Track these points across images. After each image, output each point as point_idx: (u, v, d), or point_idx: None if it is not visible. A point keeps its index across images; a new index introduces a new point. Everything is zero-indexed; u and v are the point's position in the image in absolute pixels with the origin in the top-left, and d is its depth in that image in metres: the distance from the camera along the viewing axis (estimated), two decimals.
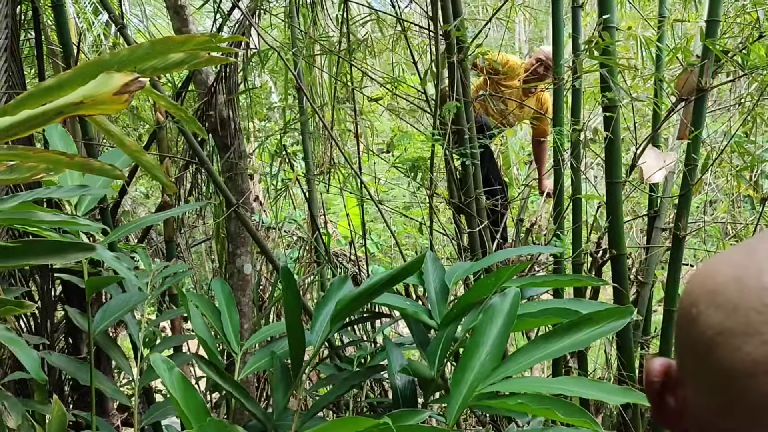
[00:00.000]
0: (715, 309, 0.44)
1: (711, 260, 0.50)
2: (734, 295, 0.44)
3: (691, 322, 0.46)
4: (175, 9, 3.01)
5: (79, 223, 1.18)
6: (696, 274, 0.50)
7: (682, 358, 0.49)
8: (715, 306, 0.44)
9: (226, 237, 3.20)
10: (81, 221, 1.20)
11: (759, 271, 0.43)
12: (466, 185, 2.76)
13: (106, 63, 1.04)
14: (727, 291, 0.44)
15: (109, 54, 1.03)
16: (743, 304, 0.43)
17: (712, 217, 4.50)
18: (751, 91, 3.50)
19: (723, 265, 0.47)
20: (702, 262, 0.53)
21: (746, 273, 0.44)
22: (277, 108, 3.98)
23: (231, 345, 1.72)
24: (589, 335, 1.24)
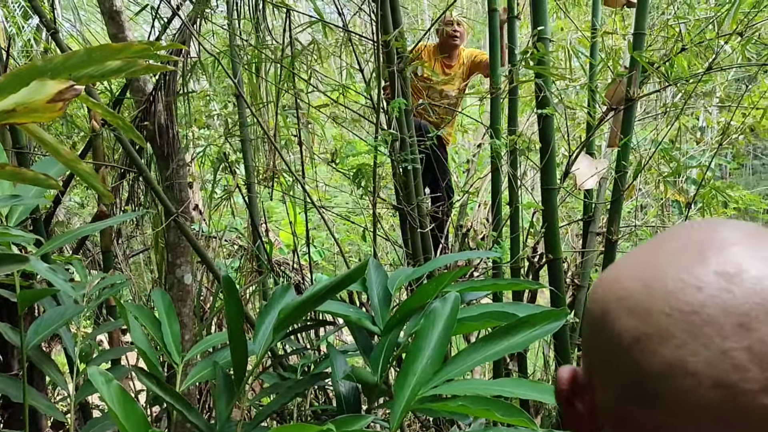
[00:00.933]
0: (627, 314, 0.45)
1: (615, 265, 0.50)
2: (644, 300, 0.44)
3: (603, 327, 0.47)
4: (110, 14, 2.95)
5: (12, 234, 1.14)
6: (602, 279, 0.50)
7: (591, 361, 0.50)
8: (626, 312, 0.45)
9: (166, 247, 3.14)
10: (13, 232, 1.17)
11: (663, 275, 0.44)
12: (408, 191, 2.79)
13: (39, 70, 1.02)
14: (636, 296, 0.45)
15: (42, 60, 1.00)
16: (654, 309, 0.43)
17: (642, 222, 4.68)
18: (676, 101, 3.66)
19: (628, 270, 0.48)
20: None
21: (652, 276, 0.45)
22: (217, 116, 3.94)
23: (172, 356, 1.69)
24: (526, 337, 1.29)
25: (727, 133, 3.53)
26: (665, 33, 3.21)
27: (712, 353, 0.41)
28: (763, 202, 4.13)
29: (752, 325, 0.40)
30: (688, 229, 0.49)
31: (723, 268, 0.43)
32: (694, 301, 0.42)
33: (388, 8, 2.68)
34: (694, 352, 0.41)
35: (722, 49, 2.88)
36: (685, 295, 0.43)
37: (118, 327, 2.27)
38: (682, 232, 0.49)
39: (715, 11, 3.13)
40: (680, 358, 0.41)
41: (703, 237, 0.46)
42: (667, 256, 0.46)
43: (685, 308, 0.42)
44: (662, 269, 0.45)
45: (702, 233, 0.47)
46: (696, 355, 0.41)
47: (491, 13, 2.83)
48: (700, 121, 5.09)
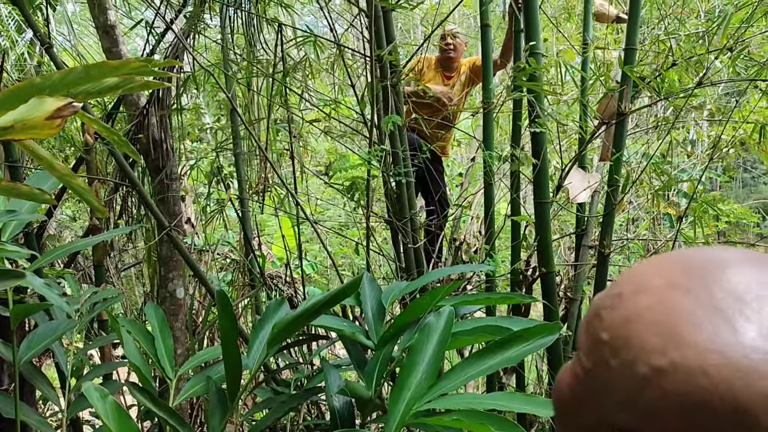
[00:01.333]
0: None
1: (709, 337, 0.41)
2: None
3: (748, 429, 0.39)
4: (104, 29, 2.96)
5: (8, 249, 1.14)
6: (706, 361, 0.41)
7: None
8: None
9: (158, 261, 3.14)
10: (9, 247, 1.17)
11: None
12: (400, 205, 2.80)
13: (37, 86, 1.02)
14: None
15: (40, 77, 1.01)
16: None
17: (634, 235, 4.70)
18: (667, 115, 3.70)
19: (753, 355, 0.40)
20: (681, 336, 0.41)
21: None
22: (210, 129, 3.94)
23: (165, 371, 1.68)
24: (520, 351, 1.29)
25: (718, 146, 3.56)
26: (656, 48, 3.24)
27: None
28: (754, 216, 4.16)
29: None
30: (738, 271, 0.43)
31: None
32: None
33: (381, 23, 2.70)
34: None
35: (712, 64, 2.91)
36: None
37: (110, 341, 2.26)
38: (737, 277, 0.43)
39: (705, 27, 3.17)
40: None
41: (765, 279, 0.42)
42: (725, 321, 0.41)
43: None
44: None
45: (759, 276, 0.42)
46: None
47: (484, 28, 2.85)
48: (691, 134, 5.14)
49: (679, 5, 3.92)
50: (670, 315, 0.43)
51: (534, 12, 2.58)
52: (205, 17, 3.06)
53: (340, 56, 3.00)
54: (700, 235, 3.29)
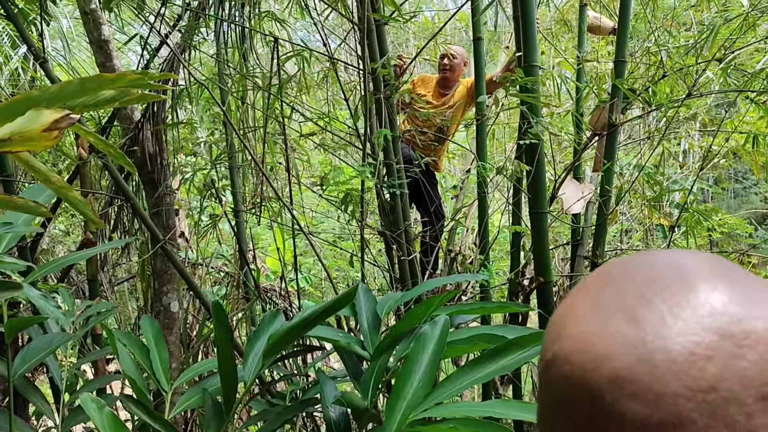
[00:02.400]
0: (632, 401, 0.37)
1: (582, 328, 0.41)
2: (649, 381, 0.37)
3: (599, 418, 0.39)
4: (98, 44, 2.98)
5: (5, 261, 1.14)
6: (568, 353, 0.41)
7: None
8: (629, 397, 0.37)
9: (152, 274, 3.13)
10: (6, 259, 1.17)
11: (662, 346, 0.38)
12: (394, 217, 2.81)
13: (34, 99, 1.03)
14: (638, 377, 0.37)
15: (37, 90, 1.02)
16: (665, 391, 0.37)
17: (628, 245, 4.72)
18: (660, 126, 3.73)
19: (611, 340, 0.39)
20: (563, 327, 0.40)
21: (648, 350, 0.38)
22: (204, 143, 3.95)
23: (161, 383, 1.68)
24: (515, 359, 1.30)
25: (709, 157, 3.59)
26: (647, 60, 3.28)
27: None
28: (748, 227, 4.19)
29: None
30: (649, 272, 0.42)
31: (725, 326, 0.37)
32: (709, 377, 0.36)
33: (374, 37, 2.72)
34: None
35: (703, 75, 2.95)
36: (698, 370, 0.36)
37: (104, 355, 2.25)
38: (644, 277, 0.42)
39: (695, 38, 3.21)
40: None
41: (676, 281, 0.40)
42: (653, 317, 0.39)
43: (702, 385, 0.36)
44: (657, 339, 0.38)
45: (671, 276, 0.41)
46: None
47: (476, 42, 2.87)
48: (682, 145, 5.18)
49: (669, 18, 3.97)
50: (569, 312, 0.43)
51: (531, 25, 2.61)
52: (199, 32, 3.08)
53: (333, 70, 3.02)
54: (693, 245, 3.30)
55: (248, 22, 2.99)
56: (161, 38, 2.76)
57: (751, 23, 3.19)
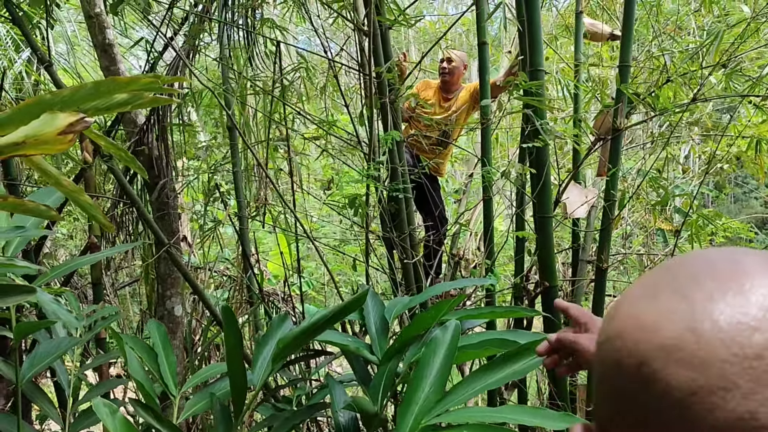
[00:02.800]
0: (679, 367, 0.39)
1: (632, 310, 0.44)
2: (696, 348, 0.39)
3: (646, 384, 0.41)
4: (102, 47, 2.97)
5: (18, 265, 1.14)
6: (618, 327, 0.44)
7: (616, 418, 0.44)
8: (676, 363, 0.40)
9: (156, 278, 3.13)
10: (19, 263, 1.16)
11: (710, 317, 0.40)
12: (399, 221, 2.81)
13: (48, 102, 1.03)
14: (685, 345, 0.40)
15: (50, 93, 1.01)
16: (711, 357, 0.39)
17: (631, 250, 4.72)
18: (663, 131, 3.73)
19: (660, 316, 0.42)
20: (616, 310, 0.45)
21: (696, 320, 0.40)
22: (206, 147, 3.95)
23: (168, 387, 1.67)
24: (527, 365, 1.29)
25: (713, 161, 3.60)
26: (651, 64, 3.28)
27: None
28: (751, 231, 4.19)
29: None
30: (704, 262, 0.44)
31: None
32: (755, 344, 0.38)
33: (379, 41, 2.72)
34: (765, 401, 0.37)
35: (707, 80, 2.95)
36: (744, 338, 0.38)
37: (109, 360, 2.24)
38: (699, 265, 0.44)
39: (698, 44, 3.22)
40: (750, 410, 0.37)
41: (728, 269, 0.42)
42: (702, 295, 0.41)
43: (747, 353, 0.38)
44: (706, 311, 0.40)
45: (724, 265, 0.43)
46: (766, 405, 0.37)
47: (481, 46, 2.87)
48: (684, 150, 5.18)
49: (672, 23, 3.98)
50: (623, 298, 0.47)
51: (536, 29, 2.61)
52: (203, 36, 3.08)
53: (333, 76, 3.02)
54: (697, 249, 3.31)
55: (252, 27, 2.99)
56: (167, 42, 2.76)
57: (755, 29, 3.20)
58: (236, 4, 2.92)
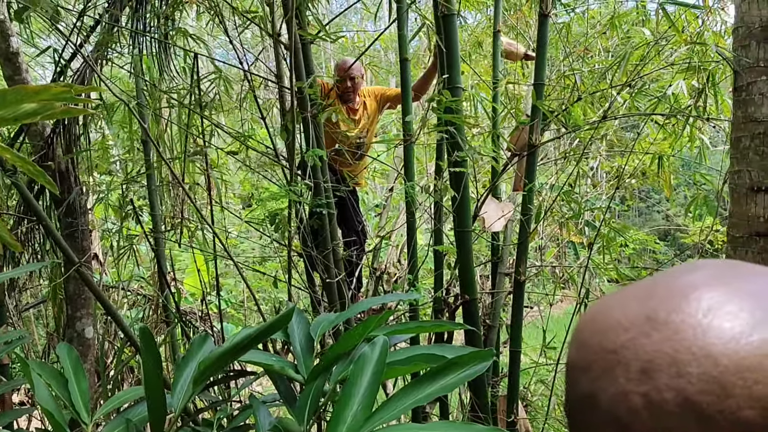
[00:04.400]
0: (573, 345, 0.48)
1: (601, 298, 0.51)
2: (586, 333, 0.46)
3: (567, 353, 0.49)
4: (6, 56, 2.82)
5: None
6: (586, 310, 0.52)
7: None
8: (573, 342, 0.48)
9: (65, 299, 2.97)
10: None
11: (608, 314, 0.46)
12: (322, 237, 2.78)
13: None
14: (584, 330, 0.47)
15: None
16: (589, 342, 0.45)
17: (546, 262, 4.87)
18: (574, 147, 3.89)
19: (596, 305, 0.49)
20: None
21: (601, 313, 0.47)
22: (119, 161, 3.80)
23: (80, 415, 1.58)
24: (456, 379, 1.30)
25: (622, 176, 3.77)
26: (562, 83, 3.41)
27: (615, 392, 0.42)
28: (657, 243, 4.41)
29: (653, 373, 0.41)
30: (663, 272, 0.49)
31: (655, 312, 0.43)
32: (617, 341, 0.43)
33: (301, 56, 2.70)
34: (603, 388, 0.43)
35: (614, 99, 3.09)
36: (614, 334, 0.44)
37: (14, 387, 2.10)
38: (658, 275, 0.49)
39: (606, 64, 3.38)
40: (592, 391, 0.44)
41: (668, 281, 0.46)
42: (626, 296, 0.47)
43: (608, 346, 0.44)
44: (615, 307, 0.46)
45: (672, 276, 0.47)
46: (603, 391, 0.43)
47: (403, 63, 2.90)
48: (594, 165, 5.41)
49: (581, 44, 4.16)
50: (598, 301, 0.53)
51: (454, 46, 2.66)
52: (114, 45, 2.96)
53: (251, 89, 2.97)
54: (608, 260, 3.44)
55: (166, 37, 2.90)
56: (75, 49, 2.64)
57: (657, 51, 3.39)
58: (148, 13, 2.83)
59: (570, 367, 0.47)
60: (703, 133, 3.65)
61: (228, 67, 3.29)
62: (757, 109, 1.97)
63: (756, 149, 1.96)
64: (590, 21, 4.83)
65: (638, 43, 3.66)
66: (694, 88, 3.17)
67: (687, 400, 0.39)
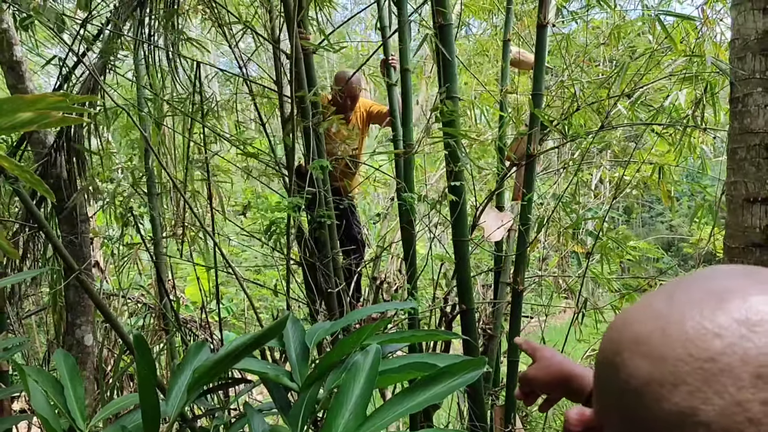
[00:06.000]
0: (641, 358, 0.43)
1: (631, 308, 0.49)
2: (659, 344, 0.43)
3: (615, 369, 0.45)
4: (9, 65, 2.84)
5: None
6: (616, 321, 0.49)
7: (603, 404, 0.48)
8: (640, 355, 0.44)
9: (65, 306, 2.98)
10: None
11: (681, 321, 0.43)
12: (322, 246, 2.79)
13: None
14: (652, 340, 0.44)
15: None
16: (669, 354, 0.42)
17: (546, 272, 4.87)
18: (575, 157, 3.89)
19: (644, 314, 0.46)
20: (621, 309, 0.58)
21: (669, 322, 0.44)
22: (121, 169, 3.82)
23: (76, 422, 1.58)
24: (447, 387, 1.30)
25: (622, 186, 3.77)
26: (562, 93, 3.43)
27: (726, 403, 0.39)
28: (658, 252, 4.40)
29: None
30: (704, 277, 0.47)
31: (745, 315, 0.41)
32: (712, 348, 0.40)
33: (302, 65, 2.72)
34: (707, 400, 0.39)
35: (614, 108, 3.10)
36: (704, 342, 0.41)
37: (11, 394, 2.10)
38: (699, 280, 0.47)
39: (606, 74, 3.39)
40: (692, 406, 0.40)
41: (722, 285, 0.45)
42: (686, 302, 0.45)
43: (702, 355, 0.41)
44: (681, 315, 0.43)
45: (720, 281, 0.46)
46: (709, 404, 0.39)
47: (403, 73, 2.91)
48: (595, 176, 5.41)
49: (582, 54, 4.17)
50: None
51: (450, 54, 2.67)
52: (117, 53, 2.99)
53: (253, 99, 2.98)
54: (607, 270, 3.44)
55: (169, 46, 2.93)
56: (78, 58, 2.66)
57: (656, 61, 3.40)
58: (152, 21, 2.85)
59: (643, 384, 0.43)
60: (704, 143, 3.66)
61: (231, 75, 3.31)
62: (753, 120, 1.98)
63: (752, 160, 1.97)
64: (594, 31, 4.85)
65: (638, 54, 3.67)
66: (695, 97, 3.18)
67: None
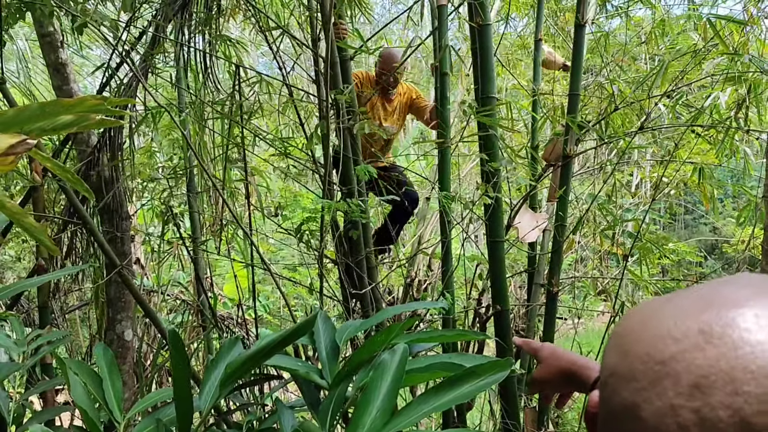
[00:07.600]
0: (614, 352, 0.46)
1: (643, 304, 0.50)
2: (630, 341, 0.45)
3: (605, 357, 0.48)
4: (55, 67, 2.94)
5: None
6: (625, 315, 0.51)
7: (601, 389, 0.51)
8: (615, 349, 0.46)
9: (106, 302, 3.07)
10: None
11: (660, 321, 0.44)
12: (357, 244, 2.81)
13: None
14: (629, 335, 0.46)
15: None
16: (632, 350, 0.44)
17: (582, 273, 4.81)
18: (611, 158, 3.84)
19: (640, 311, 0.48)
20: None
21: (651, 321, 0.45)
22: (162, 168, 3.91)
23: (113, 414, 1.64)
24: (473, 387, 1.31)
25: (660, 187, 3.71)
26: (600, 94, 3.38)
27: (663, 405, 0.40)
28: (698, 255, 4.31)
29: (707, 389, 0.39)
30: (717, 283, 0.47)
31: (709, 326, 0.41)
32: (667, 352, 0.42)
33: (338, 69, 2.75)
34: (648, 399, 0.41)
35: (653, 109, 3.05)
36: (663, 345, 0.42)
37: (54, 386, 2.18)
38: (708, 285, 0.47)
39: (645, 73, 3.33)
40: (636, 402, 0.42)
41: (721, 293, 0.45)
42: (676, 305, 0.46)
43: (657, 357, 0.42)
44: (663, 316, 0.45)
45: (725, 289, 0.45)
46: (649, 403, 0.41)
47: (442, 77, 2.89)
48: (634, 176, 5.33)
49: (620, 53, 4.12)
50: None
51: (489, 56, 2.67)
52: (160, 56, 3.06)
53: (291, 102, 3.02)
54: (645, 272, 3.39)
55: (209, 48, 2.99)
56: (123, 59, 2.74)
57: (698, 60, 3.33)
58: (193, 24, 2.91)
59: (609, 374, 0.46)
60: (747, 144, 3.57)
61: (272, 76, 3.36)
62: None
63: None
64: (636, 28, 4.77)
65: (679, 52, 3.59)
66: (738, 98, 3.10)
67: (743, 420, 0.38)
